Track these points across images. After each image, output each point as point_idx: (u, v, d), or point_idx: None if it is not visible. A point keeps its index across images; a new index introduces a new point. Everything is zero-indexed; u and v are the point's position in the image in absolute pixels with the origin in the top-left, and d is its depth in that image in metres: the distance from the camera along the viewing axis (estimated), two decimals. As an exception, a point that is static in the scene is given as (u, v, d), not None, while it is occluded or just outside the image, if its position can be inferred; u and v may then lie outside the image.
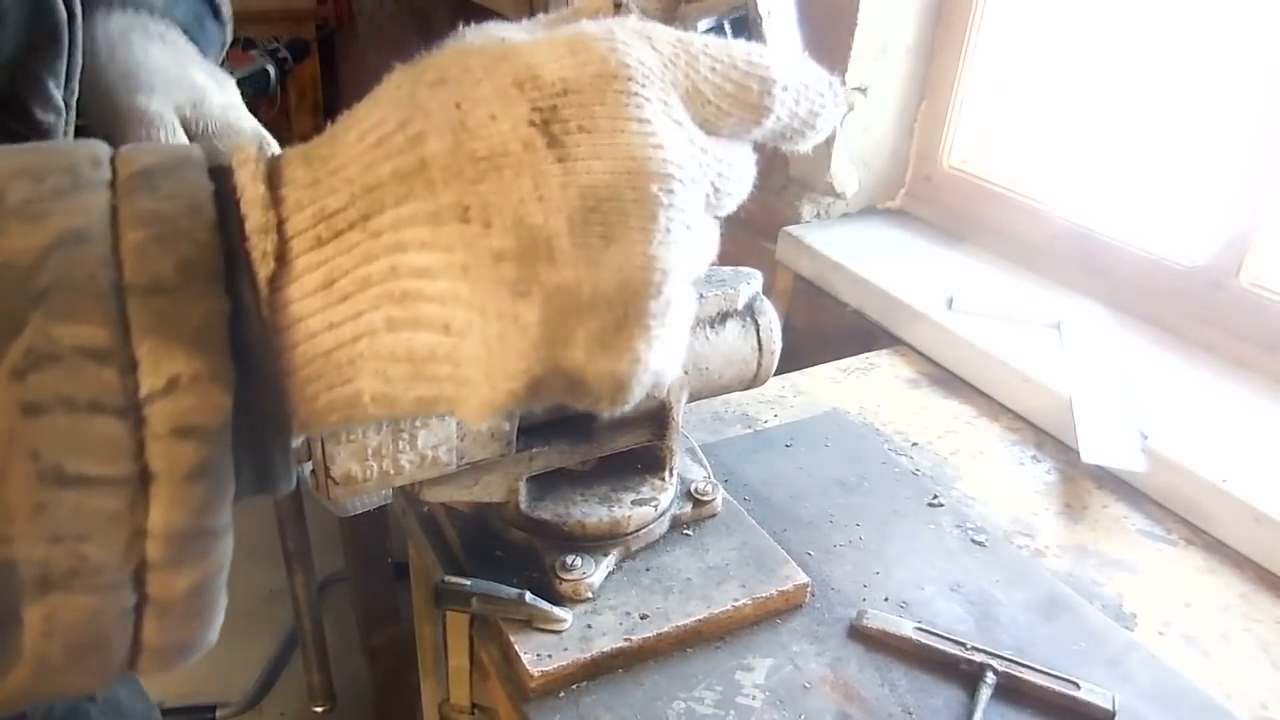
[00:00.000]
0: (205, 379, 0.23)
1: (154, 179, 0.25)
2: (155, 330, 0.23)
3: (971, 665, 0.63)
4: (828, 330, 1.23)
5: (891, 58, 1.22)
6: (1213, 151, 1.03)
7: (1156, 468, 0.83)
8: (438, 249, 0.25)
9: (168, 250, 0.24)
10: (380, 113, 0.26)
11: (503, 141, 0.25)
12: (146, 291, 0.23)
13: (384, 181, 0.25)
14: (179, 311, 0.23)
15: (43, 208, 0.23)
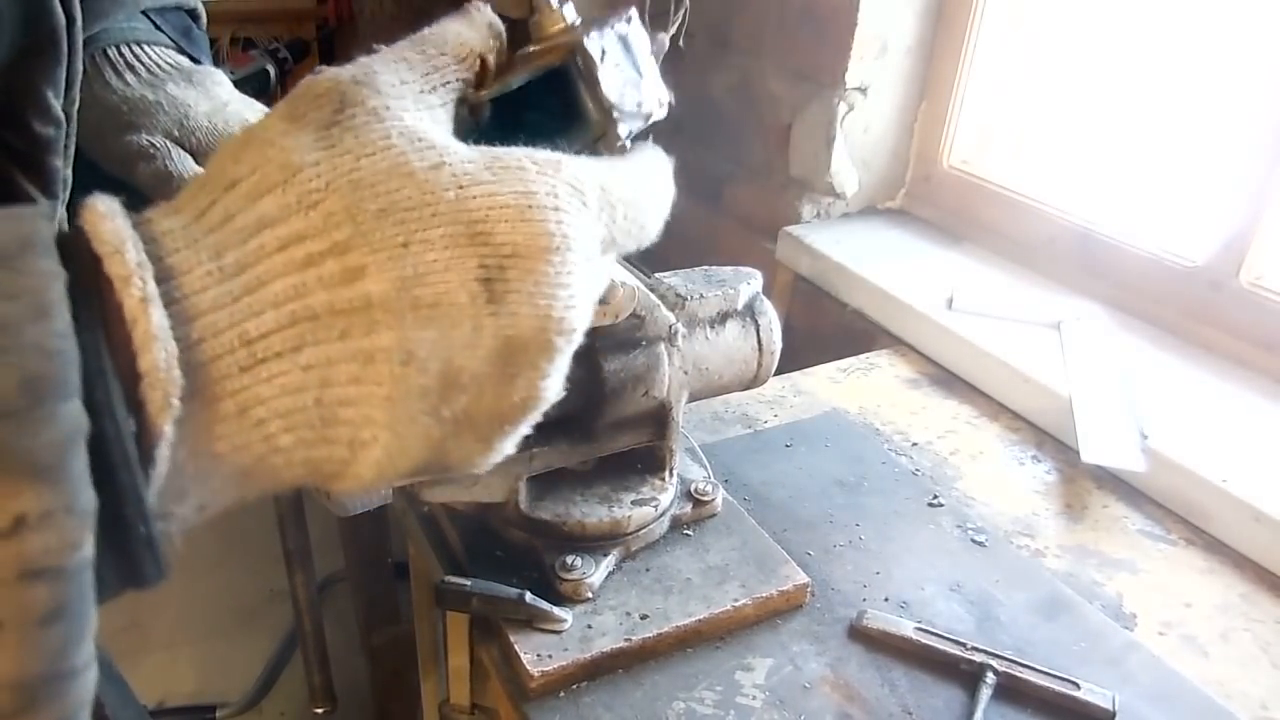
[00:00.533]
0: (59, 513, 0.20)
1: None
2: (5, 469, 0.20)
3: (972, 665, 0.63)
4: (828, 330, 1.23)
5: (891, 58, 1.22)
6: (1213, 151, 1.03)
7: (1156, 468, 0.83)
8: (366, 383, 0.25)
9: (7, 366, 0.20)
10: (303, 222, 0.25)
11: (449, 292, 0.26)
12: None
13: (318, 314, 0.25)
14: (21, 438, 0.20)
15: None
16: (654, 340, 0.65)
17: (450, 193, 0.26)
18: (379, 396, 0.25)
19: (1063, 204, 1.13)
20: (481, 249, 0.26)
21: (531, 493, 0.66)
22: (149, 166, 0.57)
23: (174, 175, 0.58)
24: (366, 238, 0.25)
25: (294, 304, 0.25)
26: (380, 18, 2.97)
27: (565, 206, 0.28)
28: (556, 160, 0.29)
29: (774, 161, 1.34)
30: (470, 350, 0.26)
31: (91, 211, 0.24)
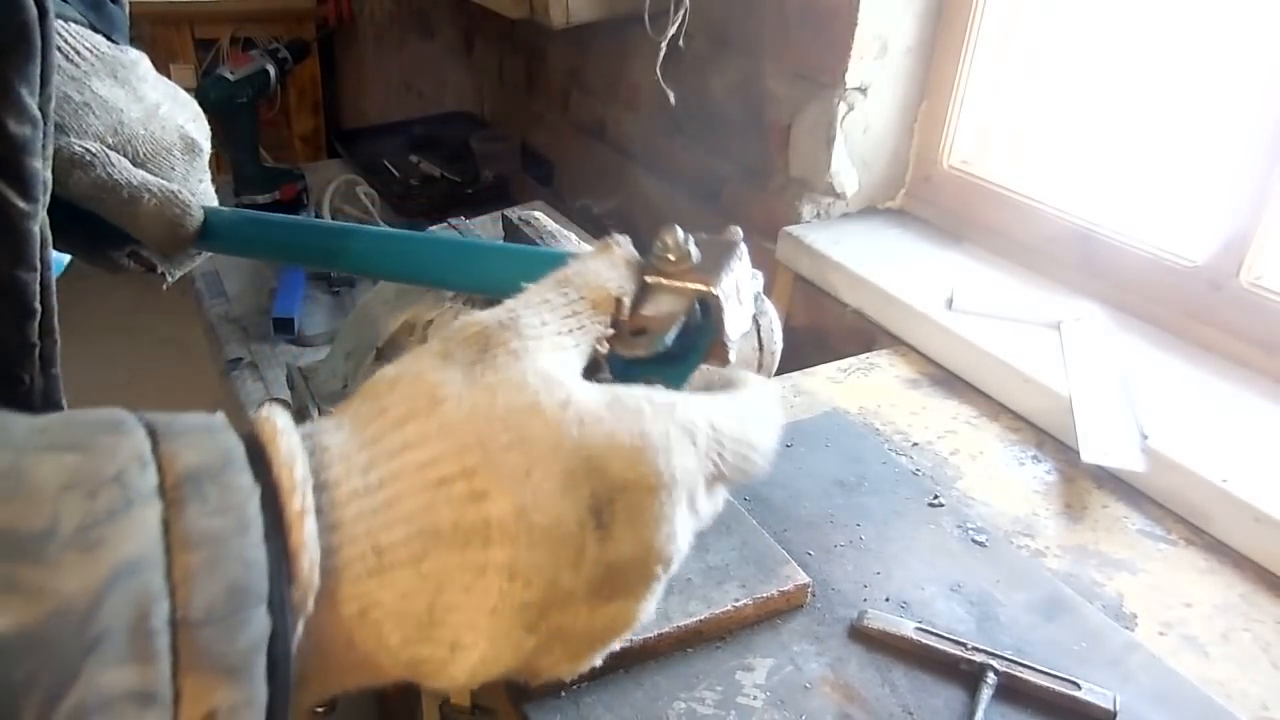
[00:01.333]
0: (241, 706, 0.24)
1: (201, 485, 0.25)
2: (199, 664, 0.23)
3: (972, 665, 0.63)
4: (828, 330, 1.23)
5: (891, 58, 1.22)
6: (1213, 151, 1.03)
7: (1156, 468, 0.83)
8: (475, 593, 0.28)
9: (218, 575, 0.24)
10: (440, 447, 0.28)
11: (561, 518, 0.28)
12: (197, 624, 0.23)
13: (442, 530, 0.28)
14: (225, 641, 0.23)
15: (97, 534, 0.23)
16: (654, 340, 0.64)
17: (573, 429, 0.29)
18: (485, 607, 0.28)
19: (1063, 204, 1.13)
20: (595, 482, 0.29)
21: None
22: (86, 176, 0.53)
23: (116, 184, 0.54)
24: (493, 465, 0.28)
25: (423, 519, 0.27)
26: (380, 18, 2.97)
27: (675, 448, 0.30)
28: (671, 403, 0.31)
29: (774, 161, 1.34)
30: (574, 572, 0.29)
31: (269, 425, 0.27)
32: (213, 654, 0.23)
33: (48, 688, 0.21)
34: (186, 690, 0.23)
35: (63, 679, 0.21)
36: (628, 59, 1.62)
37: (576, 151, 1.88)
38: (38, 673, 0.21)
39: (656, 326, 0.39)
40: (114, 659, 0.22)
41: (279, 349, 1.37)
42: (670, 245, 0.40)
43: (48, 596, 0.22)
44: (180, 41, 3.16)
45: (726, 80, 1.40)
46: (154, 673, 0.22)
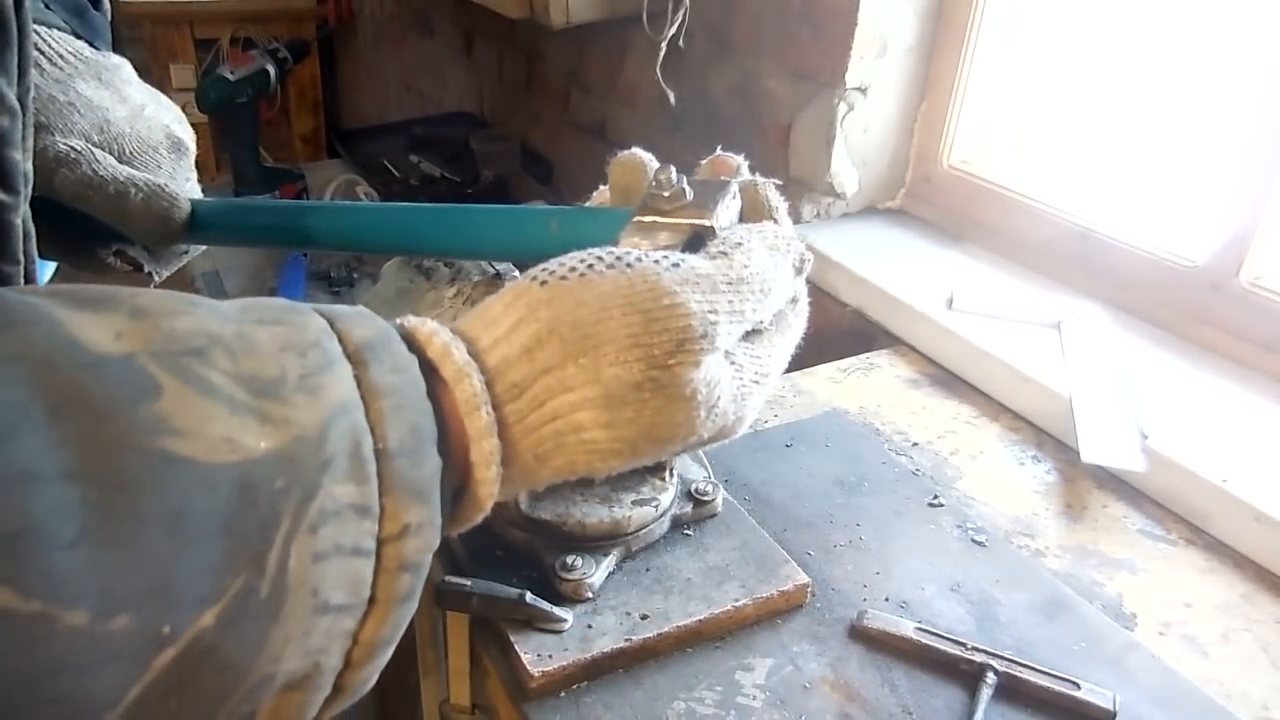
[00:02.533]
0: (427, 525, 0.30)
1: (376, 351, 0.31)
2: (396, 486, 0.29)
3: (972, 665, 0.63)
4: (828, 330, 1.23)
5: (891, 58, 1.22)
6: (1213, 151, 1.03)
7: (1156, 468, 0.83)
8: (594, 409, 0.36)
9: (404, 417, 0.30)
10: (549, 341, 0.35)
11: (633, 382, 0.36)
12: (393, 455, 0.29)
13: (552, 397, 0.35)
14: (413, 470, 0.29)
15: (315, 382, 0.28)
16: (654, 340, 0.65)
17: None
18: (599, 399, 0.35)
19: (1063, 204, 1.13)
20: (651, 349, 0.35)
21: (531, 493, 0.66)
22: (72, 174, 0.54)
23: (102, 180, 0.54)
24: (588, 351, 0.35)
25: (540, 394, 0.34)
26: (380, 18, 2.97)
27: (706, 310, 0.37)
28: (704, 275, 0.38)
29: (774, 161, 1.34)
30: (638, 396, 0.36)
31: (411, 320, 0.34)
32: (405, 479, 0.29)
33: (299, 496, 0.27)
34: (388, 507, 0.29)
35: (308, 490, 0.27)
36: (627, 59, 1.62)
37: (576, 151, 1.88)
38: (291, 485, 0.27)
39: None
40: (341, 477, 0.28)
41: (279, 349, 1.36)
42: (664, 183, 0.43)
43: (292, 425, 0.27)
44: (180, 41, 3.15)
45: (726, 80, 1.40)
46: (368, 490, 0.28)
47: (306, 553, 0.27)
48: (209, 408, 0.26)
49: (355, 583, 0.28)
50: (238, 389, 0.27)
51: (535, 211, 0.52)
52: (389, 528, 0.29)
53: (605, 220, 0.48)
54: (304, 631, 0.27)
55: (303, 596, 0.27)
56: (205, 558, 0.25)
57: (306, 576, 0.27)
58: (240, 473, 0.26)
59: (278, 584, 0.26)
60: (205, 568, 0.25)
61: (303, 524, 0.27)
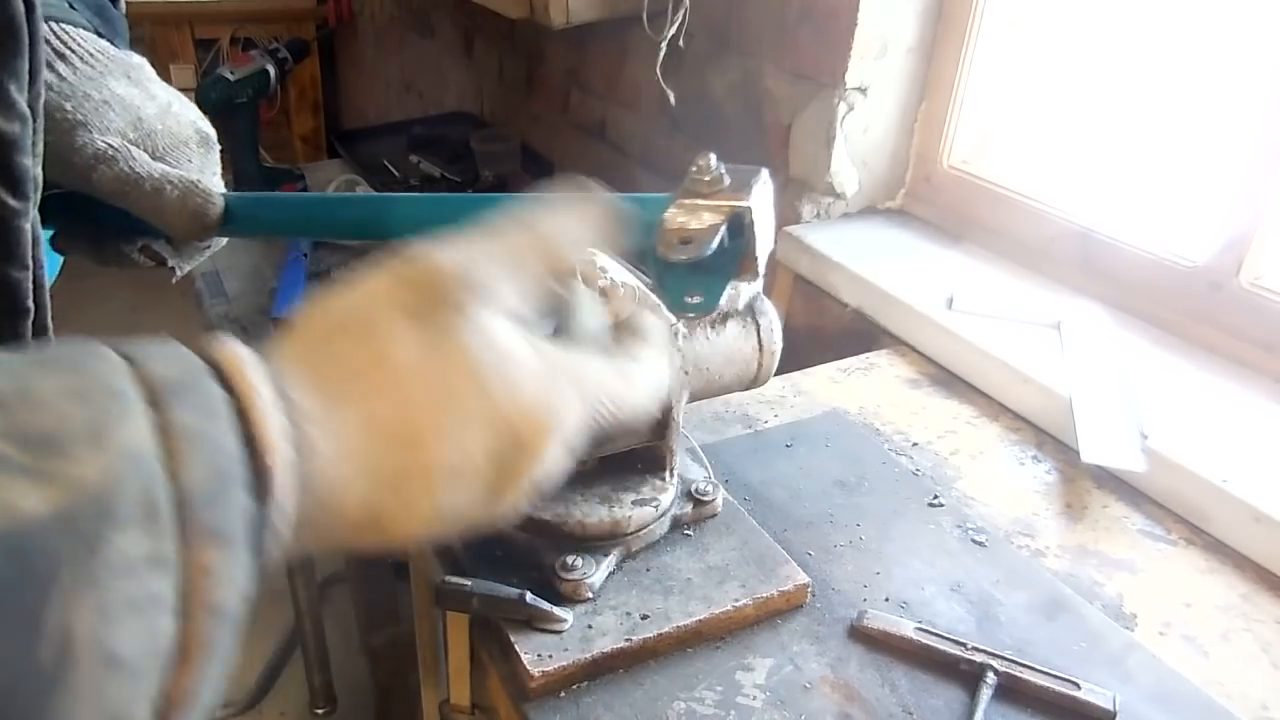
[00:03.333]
0: (233, 570, 0.28)
1: (179, 392, 0.29)
2: (196, 534, 0.27)
3: (972, 665, 0.63)
4: (828, 330, 1.23)
5: (891, 58, 1.22)
6: (1213, 151, 1.03)
7: (1156, 468, 0.83)
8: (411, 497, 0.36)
9: (204, 460, 0.28)
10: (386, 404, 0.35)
11: (479, 469, 0.37)
12: (191, 501, 0.28)
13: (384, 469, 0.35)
14: (215, 515, 0.28)
15: (103, 431, 0.27)
16: (654, 340, 0.65)
17: (504, 404, 0.36)
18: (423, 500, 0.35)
19: (1063, 204, 1.13)
20: (507, 444, 0.36)
21: (532, 493, 0.66)
22: (110, 170, 0.54)
23: (139, 177, 0.55)
24: (434, 422, 0.35)
25: (367, 460, 0.34)
26: (380, 18, 2.97)
27: (567, 417, 0.38)
28: (580, 374, 0.39)
29: (774, 161, 1.34)
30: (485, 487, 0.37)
31: (227, 349, 0.32)
32: (206, 523, 0.28)
33: (81, 553, 0.25)
34: (187, 556, 0.27)
35: (91, 545, 0.25)
36: (627, 59, 1.62)
37: (576, 151, 1.88)
38: (71, 544, 0.25)
39: (700, 236, 0.46)
40: (129, 529, 0.26)
41: (279, 349, 1.36)
42: (704, 168, 0.45)
43: (71, 484, 0.26)
44: (180, 41, 3.15)
45: (726, 80, 1.40)
46: (161, 542, 0.27)
47: (92, 611, 0.25)
48: None
49: (152, 637, 0.27)
50: (10, 447, 0.25)
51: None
52: (189, 577, 0.27)
53: (649, 206, 0.50)
54: (96, 692, 0.25)
55: (91, 657, 0.25)
56: None
57: (94, 636, 0.25)
58: (8, 538, 0.24)
59: (59, 647, 0.25)
60: None
61: (82, 581, 0.25)
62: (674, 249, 0.46)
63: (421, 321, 0.35)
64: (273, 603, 1.96)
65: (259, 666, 1.86)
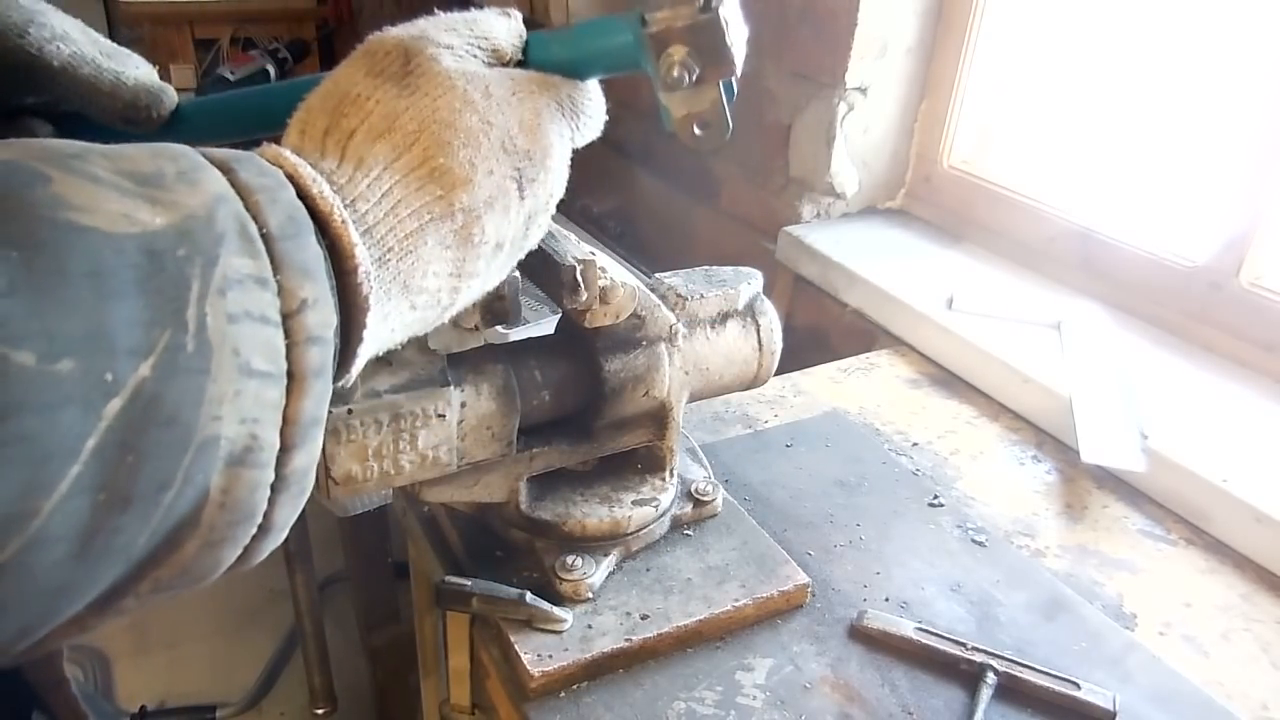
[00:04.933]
0: (321, 301, 0.32)
1: (240, 160, 0.33)
2: (286, 264, 0.31)
3: (972, 665, 0.63)
4: (828, 330, 1.23)
5: (891, 58, 1.22)
6: (1213, 152, 1.03)
7: (1156, 468, 0.83)
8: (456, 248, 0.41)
9: (279, 208, 0.32)
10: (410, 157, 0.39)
11: (503, 190, 0.42)
12: (276, 238, 0.31)
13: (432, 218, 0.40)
14: (298, 252, 0.32)
15: (191, 176, 0.31)
16: (654, 340, 0.65)
17: (496, 117, 0.41)
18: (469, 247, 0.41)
19: (1063, 204, 1.13)
20: (514, 155, 0.42)
21: (532, 493, 0.66)
22: (67, 47, 0.53)
23: (96, 56, 0.54)
24: (452, 164, 0.39)
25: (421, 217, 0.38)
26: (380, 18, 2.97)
27: (555, 123, 0.45)
28: (550, 82, 0.45)
29: (774, 161, 1.34)
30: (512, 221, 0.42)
31: (279, 155, 0.36)
32: (292, 259, 0.31)
33: (202, 263, 0.29)
34: (283, 283, 0.31)
35: (209, 258, 0.29)
36: (628, 59, 1.62)
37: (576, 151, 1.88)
38: (192, 253, 0.29)
39: (714, 117, 0.49)
40: (236, 251, 0.30)
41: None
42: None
43: (181, 207, 0.29)
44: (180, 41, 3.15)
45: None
46: (261, 265, 0.30)
47: (220, 313, 0.29)
48: (99, 191, 0.28)
49: (270, 350, 0.30)
50: (122, 179, 0.29)
51: (535, 38, 0.52)
52: (288, 302, 0.31)
53: (612, 29, 0.50)
54: (235, 392, 0.29)
55: (226, 355, 0.29)
56: (130, 312, 0.27)
57: (225, 336, 0.29)
58: (143, 240, 0.28)
59: (201, 339, 0.28)
60: (132, 320, 0.27)
61: (211, 286, 0.29)
62: (696, 139, 0.49)
63: (405, 79, 0.39)
64: (273, 603, 1.96)
65: (259, 666, 1.86)
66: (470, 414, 0.58)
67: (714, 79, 0.49)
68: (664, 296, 0.66)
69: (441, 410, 0.57)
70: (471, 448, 0.59)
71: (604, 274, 0.59)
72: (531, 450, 0.64)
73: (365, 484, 0.56)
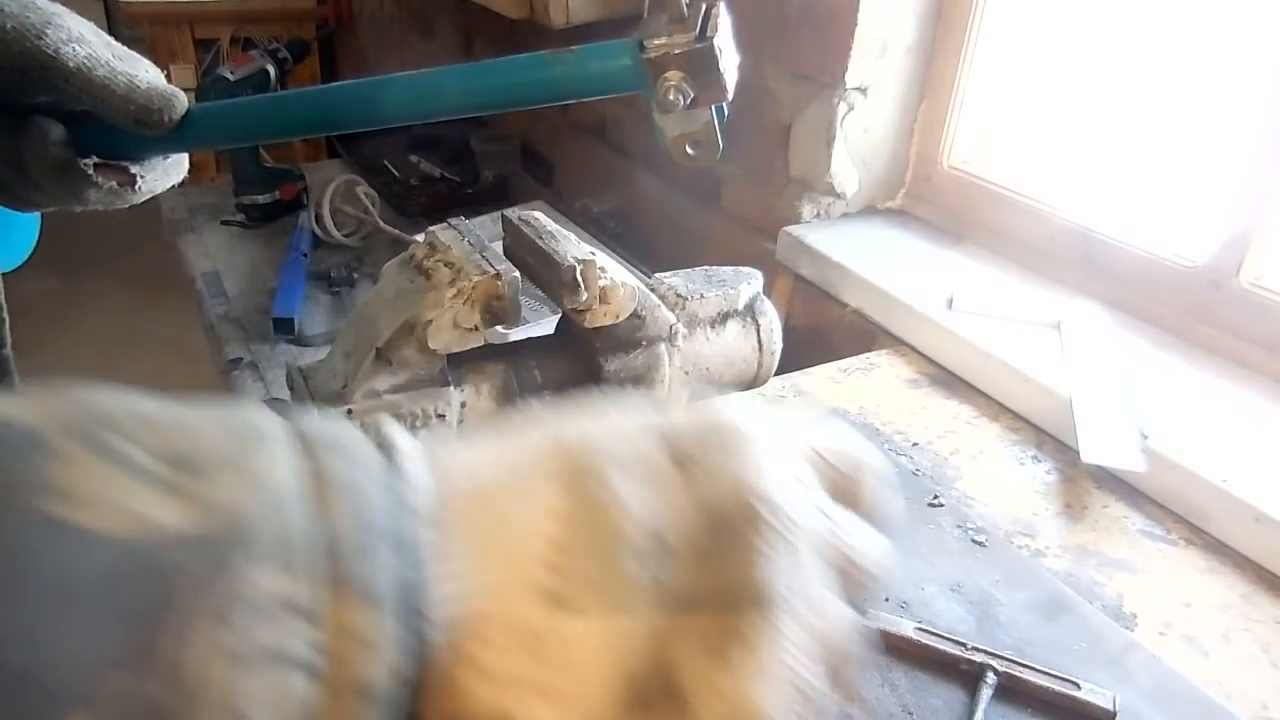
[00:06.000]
0: (385, 640, 0.24)
1: (335, 447, 0.26)
2: (343, 584, 0.24)
3: (972, 665, 0.63)
4: (828, 330, 1.23)
5: (891, 58, 1.22)
6: (1213, 152, 1.03)
7: (1156, 468, 0.83)
8: None
9: (355, 509, 0.25)
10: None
11: None
12: (341, 549, 0.24)
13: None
14: (365, 568, 0.24)
15: (247, 464, 0.24)
16: (654, 340, 0.65)
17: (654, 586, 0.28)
18: None
19: (1063, 204, 1.13)
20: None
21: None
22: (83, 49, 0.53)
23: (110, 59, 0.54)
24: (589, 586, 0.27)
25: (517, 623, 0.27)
26: (380, 18, 2.97)
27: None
28: None
29: (774, 161, 1.34)
30: None
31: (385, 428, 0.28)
32: (355, 577, 0.24)
33: (209, 581, 0.22)
34: (332, 608, 0.23)
35: (223, 573, 0.22)
36: (628, 59, 1.62)
37: (576, 151, 1.88)
38: (202, 568, 0.22)
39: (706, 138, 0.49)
40: (267, 566, 0.23)
41: (279, 349, 1.37)
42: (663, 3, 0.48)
43: (210, 504, 0.23)
44: (180, 41, 3.15)
45: (726, 80, 1.40)
46: (304, 585, 0.23)
47: (213, 648, 0.21)
48: (114, 477, 0.23)
49: (287, 705, 0.22)
50: (157, 462, 0.23)
51: (537, 58, 0.53)
52: (335, 635, 0.23)
53: (613, 53, 0.51)
54: None
55: (216, 710, 0.21)
56: (88, 642, 0.21)
57: (215, 683, 0.21)
58: (139, 547, 0.22)
59: (172, 687, 0.21)
60: (89, 657, 0.20)
61: (210, 607, 0.22)
62: (688, 157, 0.50)
63: (571, 490, 0.28)
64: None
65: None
66: (470, 414, 0.58)
67: (707, 103, 0.50)
68: (664, 296, 0.66)
69: (441, 410, 0.57)
70: (471, 448, 0.59)
71: (604, 274, 0.59)
72: (531, 450, 0.64)
73: (365, 484, 0.56)
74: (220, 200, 1.85)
